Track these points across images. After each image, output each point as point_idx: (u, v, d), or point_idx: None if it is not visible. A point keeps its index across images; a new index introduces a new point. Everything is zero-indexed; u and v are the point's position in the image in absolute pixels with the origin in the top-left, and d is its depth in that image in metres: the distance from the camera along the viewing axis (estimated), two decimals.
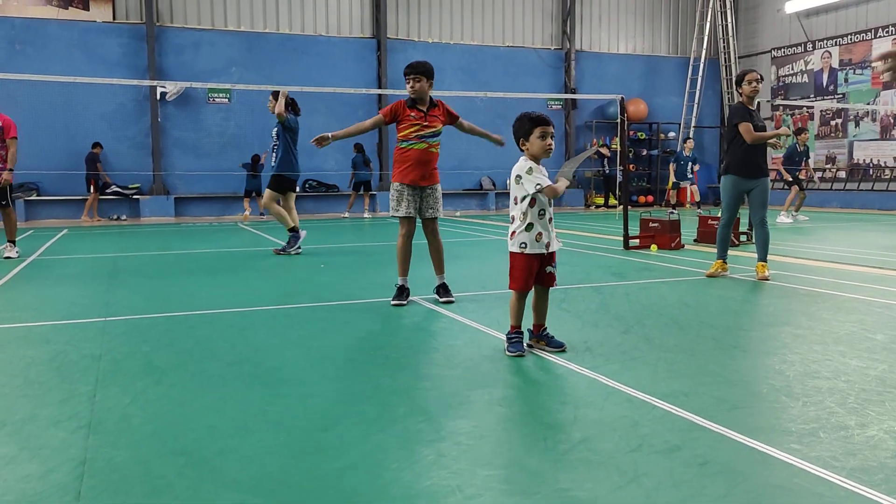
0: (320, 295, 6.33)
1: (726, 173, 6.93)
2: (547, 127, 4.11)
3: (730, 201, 6.95)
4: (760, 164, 6.84)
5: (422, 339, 4.79)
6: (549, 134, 4.11)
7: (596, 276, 7.14)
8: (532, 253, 4.10)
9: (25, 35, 17.40)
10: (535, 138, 4.10)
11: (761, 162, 6.86)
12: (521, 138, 4.17)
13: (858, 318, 5.04)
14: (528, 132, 4.12)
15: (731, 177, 6.87)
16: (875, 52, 19.71)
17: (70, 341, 4.56)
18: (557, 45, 22.55)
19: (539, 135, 4.10)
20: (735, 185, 6.87)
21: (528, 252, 4.10)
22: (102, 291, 6.58)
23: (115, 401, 3.33)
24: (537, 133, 4.10)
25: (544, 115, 4.16)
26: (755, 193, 6.84)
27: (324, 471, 2.55)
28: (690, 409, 3.12)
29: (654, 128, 23.00)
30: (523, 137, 4.16)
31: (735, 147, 6.85)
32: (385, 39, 20.25)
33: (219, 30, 19.03)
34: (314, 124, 19.87)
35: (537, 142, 4.10)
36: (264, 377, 3.74)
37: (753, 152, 6.81)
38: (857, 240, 10.87)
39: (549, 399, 3.43)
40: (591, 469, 2.53)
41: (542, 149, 4.10)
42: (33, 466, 2.60)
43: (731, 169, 6.87)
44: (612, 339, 4.49)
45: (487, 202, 21.39)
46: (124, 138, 18.20)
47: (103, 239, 12.54)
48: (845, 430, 2.87)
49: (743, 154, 6.80)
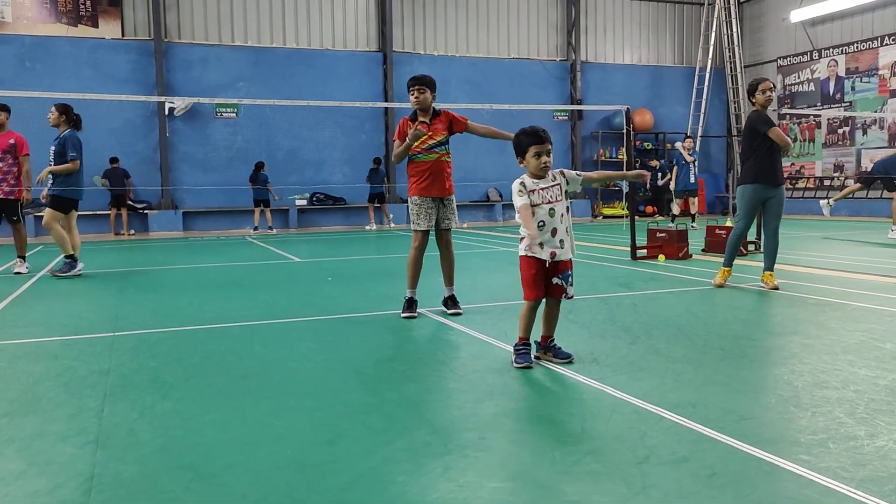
0: (327, 308, 6.33)
1: (747, 181, 6.80)
2: (542, 145, 4.09)
3: (750, 209, 6.86)
4: (781, 172, 6.81)
5: (429, 351, 4.78)
6: (545, 152, 4.09)
7: (603, 287, 7.12)
8: (534, 256, 4.10)
9: (35, 53, 17.57)
10: (531, 157, 4.11)
11: (781, 170, 6.83)
12: (519, 156, 4.19)
13: (868, 327, 5.01)
14: (524, 150, 4.14)
15: (753, 185, 6.75)
16: (882, 61, 19.67)
17: (78, 356, 4.58)
18: (563, 56, 22.61)
19: (534, 153, 4.10)
20: (756, 192, 6.76)
21: (530, 255, 4.12)
22: (111, 306, 6.61)
23: (122, 416, 3.34)
24: (532, 152, 4.10)
25: (541, 131, 4.12)
26: (773, 202, 6.77)
27: (330, 484, 2.55)
28: (698, 419, 3.11)
29: (661, 137, 23.00)
30: (520, 155, 4.18)
31: (759, 155, 6.72)
32: (391, 53, 20.35)
33: (226, 45, 19.18)
34: (320, 138, 20.05)
35: (532, 160, 4.11)
36: (271, 391, 3.74)
37: (776, 160, 6.73)
38: (866, 248, 10.82)
39: (557, 411, 3.42)
40: (598, 481, 2.52)
41: (537, 167, 4.11)
42: (41, 482, 2.61)
43: (755, 177, 6.74)
44: (620, 349, 4.47)
45: (494, 214, 21.42)
46: (133, 153, 18.32)
47: (112, 254, 12.60)
48: (855, 440, 2.85)
49: (767, 162, 6.71)
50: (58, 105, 9.03)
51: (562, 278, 4.15)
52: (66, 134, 8.88)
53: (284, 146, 19.65)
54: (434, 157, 5.76)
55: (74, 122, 9.07)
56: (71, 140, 8.83)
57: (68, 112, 9.01)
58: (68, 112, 9.01)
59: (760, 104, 6.79)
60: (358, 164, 20.14)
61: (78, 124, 9.11)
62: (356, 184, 19.65)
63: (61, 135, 8.91)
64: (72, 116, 9.04)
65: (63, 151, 8.80)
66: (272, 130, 19.56)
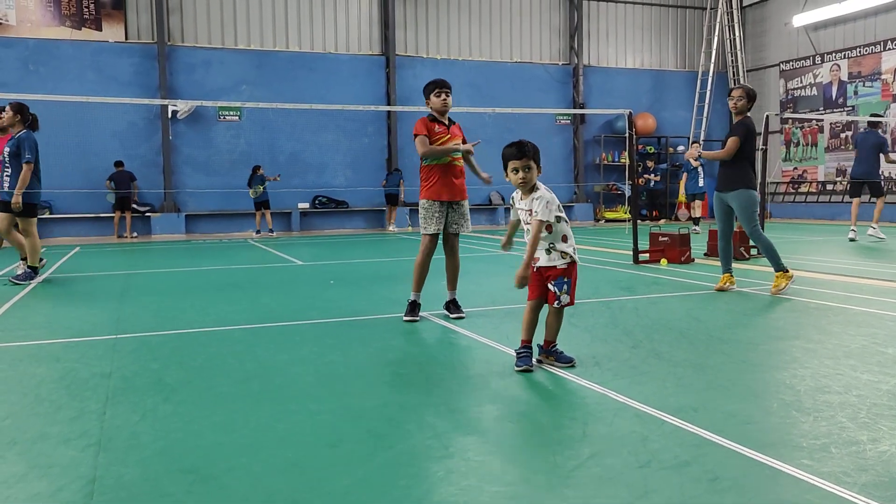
0: (329, 311, 6.33)
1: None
2: (519, 161, 4.05)
3: (717, 215, 7.16)
4: (736, 178, 6.89)
5: (431, 354, 4.78)
6: (522, 167, 4.04)
7: (605, 291, 7.12)
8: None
9: (39, 56, 17.62)
10: (510, 171, 4.13)
11: (738, 176, 6.88)
12: (504, 171, 4.20)
13: (870, 331, 5.01)
14: (505, 165, 4.15)
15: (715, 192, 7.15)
16: (885, 65, 19.67)
17: (80, 359, 4.58)
18: (565, 60, 22.63)
19: (511, 168, 4.10)
20: (716, 199, 7.11)
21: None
22: (113, 309, 6.62)
23: (124, 418, 3.35)
24: (510, 167, 4.11)
25: (526, 145, 4.06)
26: (735, 208, 6.94)
27: (332, 487, 2.55)
28: (700, 424, 3.10)
29: (663, 142, 23.01)
30: (504, 170, 4.19)
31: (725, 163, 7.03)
32: (394, 56, 20.39)
33: (229, 48, 19.22)
34: (323, 141, 20.08)
35: (511, 175, 4.13)
36: (273, 394, 3.74)
37: (733, 167, 6.92)
38: (868, 253, 10.81)
39: (558, 414, 3.41)
40: (600, 485, 2.51)
41: (516, 183, 4.12)
42: (43, 485, 2.61)
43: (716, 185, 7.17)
44: (622, 353, 4.47)
45: (497, 217, 21.43)
46: (136, 156, 18.36)
47: (114, 256, 12.61)
48: (857, 445, 2.84)
49: (724, 170, 7.02)
50: (12, 104, 8.67)
51: (555, 285, 4.13)
52: (21, 135, 8.50)
53: (287, 149, 19.68)
54: (447, 160, 5.77)
55: (31, 122, 8.69)
56: (28, 141, 8.45)
57: (24, 112, 8.64)
58: (24, 112, 8.64)
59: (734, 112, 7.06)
60: (361, 168, 20.18)
61: (35, 125, 8.74)
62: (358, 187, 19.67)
63: (16, 135, 8.53)
64: (27, 116, 8.65)
65: (18, 153, 8.44)
66: (275, 134, 19.59)
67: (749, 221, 6.87)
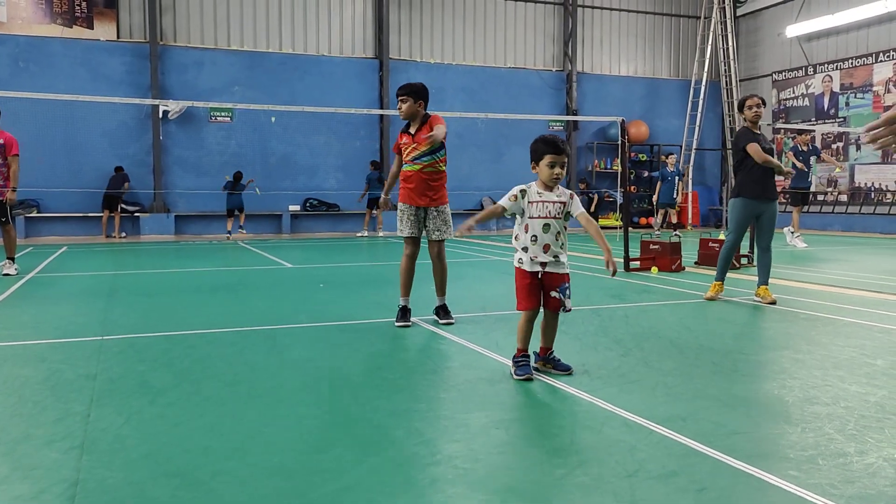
0: (319, 315, 6.31)
1: (735, 195, 6.91)
2: (558, 156, 4.06)
3: (741, 223, 6.92)
4: (773, 186, 6.86)
5: (420, 360, 4.77)
6: (559, 163, 4.06)
7: (595, 299, 7.12)
8: (526, 269, 4.10)
9: (30, 53, 17.52)
10: (544, 164, 4.08)
11: (773, 185, 6.88)
12: (533, 161, 4.16)
13: (858, 342, 5.02)
14: (540, 157, 4.11)
15: (743, 199, 6.82)
16: (876, 77, 19.79)
17: (66, 360, 4.54)
18: (559, 66, 22.68)
19: (548, 162, 4.07)
20: (747, 207, 6.83)
21: (523, 268, 4.11)
22: (100, 310, 6.57)
23: (109, 421, 3.31)
24: (547, 160, 4.07)
25: (560, 142, 4.09)
26: (766, 218, 6.84)
27: (319, 493, 2.53)
28: (688, 433, 3.10)
29: (656, 150, 23.08)
30: (534, 161, 4.15)
31: (747, 169, 6.83)
32: (387, 60, 20.37)
33: (221, 49, 19.16)
34: (315, 144, 20.04)
35: (545, 169, 4.08)
36: (261, 398, 3.72)
37: (766, 175, 6.80)
38: (857, 264, 10.86)
39: (547, 422, 3.40)
40: (587, 494, 2.50)
41: (549, 177, 4.09)
42: (25, 487, 2.58)
43: (744, 191, 6.82)
44: (611, 362, 4.47)
45: (488, 223, 21.42)
46: (126, 156, 18.26)
47: (102, 257, 12.54)
48: (844, 457, 2.84)
49: (757, 176, 6.79)
50: None
51: (559, 291, 4.11)
52: None
53: (278, 151, 19.62)
54: (417, 167, 5.71)
55: None
56: None
57: None
58: None
59: (750, 120, 6.91)
60: (352, 171, 20.14)
61: None
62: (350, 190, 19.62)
63: None
64: None
65: None
66: (266, 135, 19.53)
67: (773, 233, 6.91)
